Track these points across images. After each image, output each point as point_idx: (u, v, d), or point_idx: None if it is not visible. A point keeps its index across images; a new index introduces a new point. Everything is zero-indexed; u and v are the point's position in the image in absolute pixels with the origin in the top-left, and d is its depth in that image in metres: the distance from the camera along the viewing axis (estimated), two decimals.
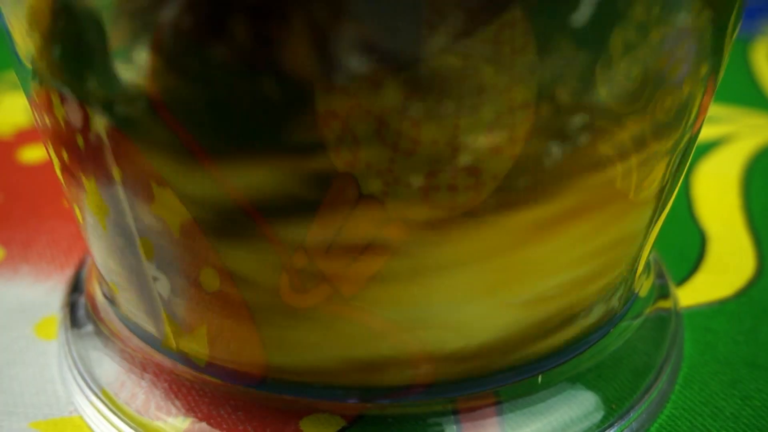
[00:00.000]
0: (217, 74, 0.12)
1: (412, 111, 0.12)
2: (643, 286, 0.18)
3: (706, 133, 0.27)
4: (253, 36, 0.11)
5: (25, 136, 0.28)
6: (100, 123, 0.13)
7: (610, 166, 0.13)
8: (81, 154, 0.14)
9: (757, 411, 0.17)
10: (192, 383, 0.16)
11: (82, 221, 0.16)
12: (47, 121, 0.15)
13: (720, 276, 0.21)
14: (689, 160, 0.16)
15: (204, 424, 0.16)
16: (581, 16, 0.12)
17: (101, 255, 0.16)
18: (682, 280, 0.21)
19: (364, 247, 0.13)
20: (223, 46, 0.11)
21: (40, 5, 0.13)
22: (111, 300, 0.18)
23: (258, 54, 0.11)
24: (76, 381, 0.17)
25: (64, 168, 0.15)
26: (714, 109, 0.29)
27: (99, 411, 0.17)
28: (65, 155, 0.15)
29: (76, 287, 0.20)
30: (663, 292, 0.19)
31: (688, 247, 0.22)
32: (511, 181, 0.13)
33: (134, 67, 0.12)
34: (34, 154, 0.27)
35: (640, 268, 0.17)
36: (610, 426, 0.16)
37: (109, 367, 0.17)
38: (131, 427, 0.16)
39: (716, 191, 0.24)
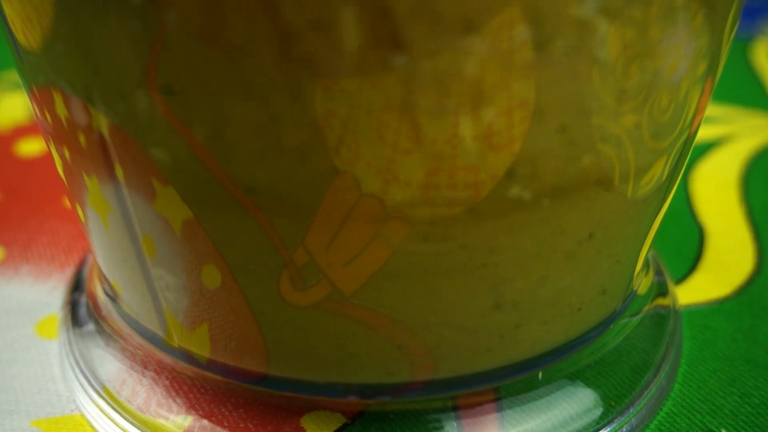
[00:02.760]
0: (218, 72, 0.12)
1: (412, 110, 0.12)
2: (642, 283, 0.18)
3: (707, 132, 0.27)
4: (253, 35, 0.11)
5: (22, 131, 0.28)
6: (102, 121, 0.13)
7: (608, 165, 0.13)
8: (83, 153, 0.14)
9: (756, 408, 0.17)
10: (193, 381, 0.16)
11: (85, 220, 0.16)
12: (49, 119, 0.15)
13: (719, 274, 0.21)
14: (687, 159, 0.16)
15: (205, 422, 0.16)
16: (580, 15, 0.12)
17: (103, 253, 0.16)
18: (681, 278, 0.21)
19: (364, 246, 0.13)
20: (224, 43, 0.12)
21: (41, 1, 0.13)
22: (112, 298, 0.18)
23: (258, 52, 0.12)
24: (77, 379, 0.18)
25: (67, 166, 0.15)
26: (714, 109, 0.29)
27: (100, 409, 0.17)
28: (67, 154, 0.15)
29: (77, 286, 0.20)
30: (662, 290, 0.19)
31: (687, 246, 0.22)
32: (510, 179, 0.13)
33: (137, 66, 0.12)
34: (31, 147, 0.27)
35: (639, 266, 0.17)
36: (610, 422, 0.16)
37: (110, 365, 0.17)
38: (133, 424, 0.16)
39: (716, 190, 0.24)
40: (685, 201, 0.24)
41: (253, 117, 0.12)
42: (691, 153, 0.16)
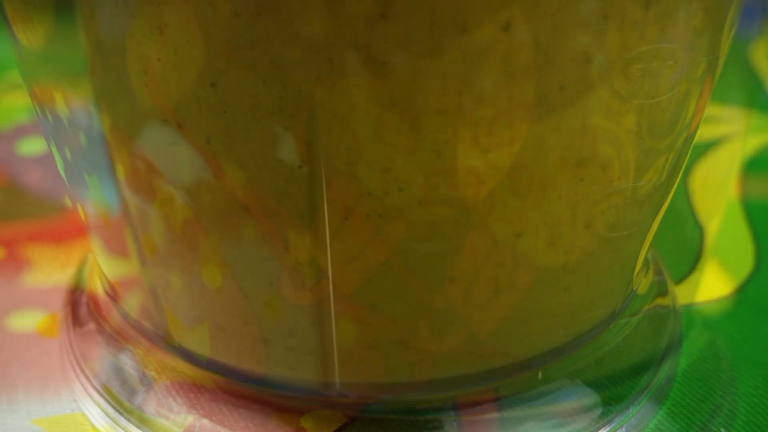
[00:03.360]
0: (218, 75, 0.12)
1: (412, 109, 0.12)
2: (642, 283, 0.18)
3: (706, 132, 0.27)
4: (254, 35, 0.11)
5: (23, 130, 0.28)
6: (103, 121, 0.13)
7: (608, 164, 0.13)
8: (84, 152, 0.14)
9: (756, 408, 0.17)
10: (193, 380, 0.16)
11: (85, 219, 0.16)
12: (50, 118, 0.15)
13: (718, 274, 0.21)
14: (687, 159, 0.16)
15: (205, 421, 0.16)
16: (580, 15, 0.12)
17: (104, 252, 0.16)
18: (681, 277, 0.21)
19: (364, 246, 0.13)
20: (224, 47, 0.12)
21: (42, 1, 0.13)
22: (113, 297, 0.18)
23: (260, 52, 0.12)
24: (78, 378, 0.18)
25: (67, 166, 0.15)
26: (714, 109, 0.29)
27: (101, 408, 0.17)
28: (68, 153, 0.15)
29: (77, 285, 0.20)
30: (661, 290, 0.19)
31: (687, 246, 0.22)
32: (510, 179, 0.13)
33: (137, 66, 0.12)
34: (32, 146, 0.27)
35: (639, 266, 0.17)
36: (609, 422, 0.16)
37: (110, 364, 0.17)
38: (133, 423, 0.16)
39: (716, 190, 0.24)
40: (685, 201, 0.24)
41: (253, 116, 0.12)
42: (691, 153, 0.16)
